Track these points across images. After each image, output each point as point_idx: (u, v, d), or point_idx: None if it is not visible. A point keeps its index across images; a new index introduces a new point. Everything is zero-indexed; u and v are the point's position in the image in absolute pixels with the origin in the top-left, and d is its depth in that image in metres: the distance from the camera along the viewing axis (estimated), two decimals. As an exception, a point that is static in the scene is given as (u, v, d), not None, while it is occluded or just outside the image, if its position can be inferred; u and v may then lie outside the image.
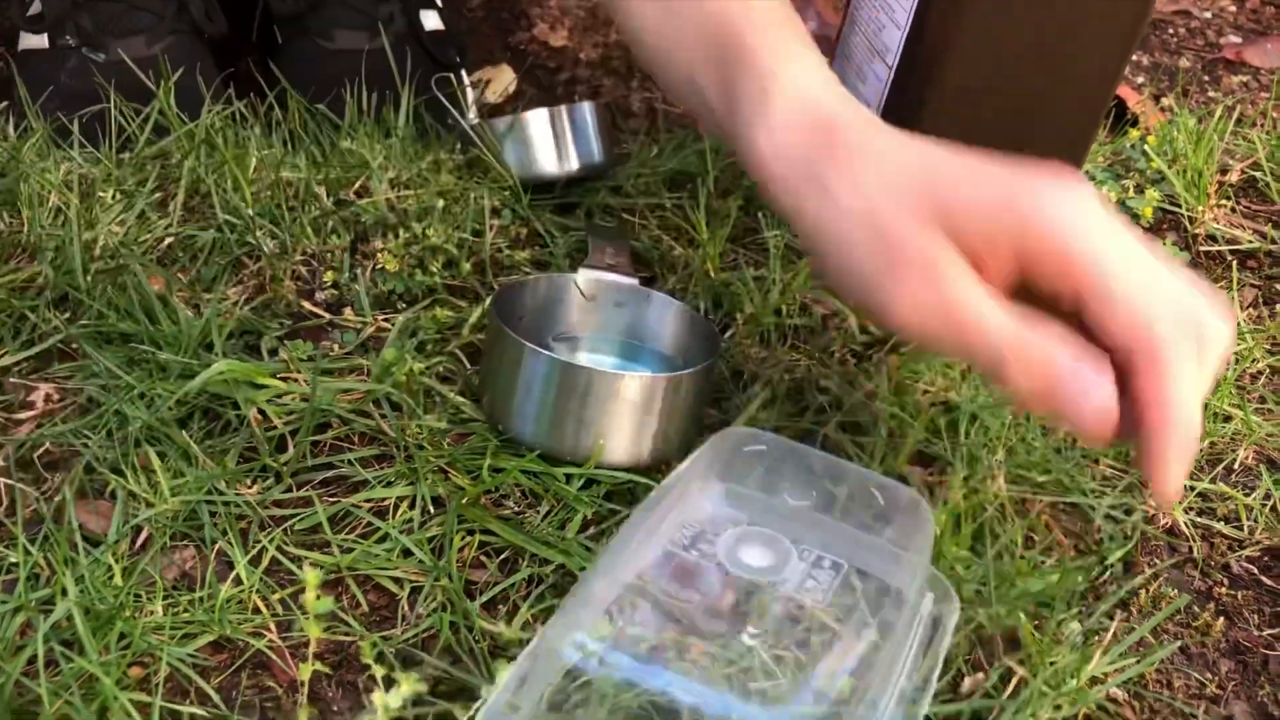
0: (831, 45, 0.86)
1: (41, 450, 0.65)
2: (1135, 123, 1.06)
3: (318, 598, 0.50)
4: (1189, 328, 0.49)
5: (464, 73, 1.01)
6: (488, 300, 0.75)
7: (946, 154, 0.52)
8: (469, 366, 0.72)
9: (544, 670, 0.47)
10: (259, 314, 0.74)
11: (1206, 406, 0.75)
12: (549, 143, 0.88)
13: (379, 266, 0.77)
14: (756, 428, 0.69)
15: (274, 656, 0.56)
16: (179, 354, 0.68)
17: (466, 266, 0.78)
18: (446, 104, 0.91)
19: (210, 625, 0.56)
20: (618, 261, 0.76)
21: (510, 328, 0.66)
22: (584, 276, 0.74)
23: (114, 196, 0.80)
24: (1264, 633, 0.63)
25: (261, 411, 0.66)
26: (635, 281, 0.75)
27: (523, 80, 1.10)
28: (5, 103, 0.88)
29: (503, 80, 1.09)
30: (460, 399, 0.68)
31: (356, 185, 0.84)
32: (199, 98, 0.88)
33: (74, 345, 0.70)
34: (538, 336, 0.72)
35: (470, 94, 1.02)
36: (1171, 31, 1.33)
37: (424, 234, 0.78)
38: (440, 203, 0.81)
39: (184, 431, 0.65)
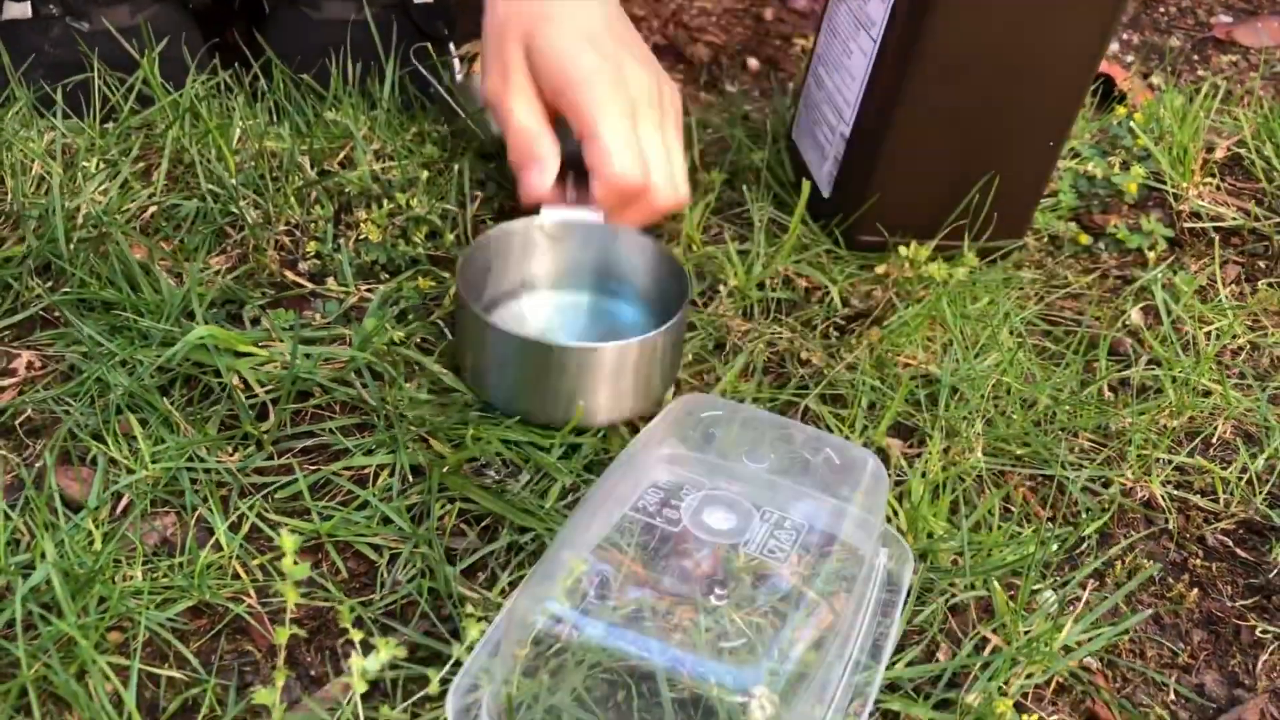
0: (818, 20, 0.86)
1: (23, 417, 0.65)
2: (1123, 100, 1.06)
3: (295, 563, 0.50)
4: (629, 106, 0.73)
5: (451, 45, 1.01)
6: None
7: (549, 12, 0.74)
8: (451, 336, 0.72)
9: (515, 639, 0.48)
10: (241, 283, 0.74)
11: (1187, 383, 0.75)
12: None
13: (362, 237, 0.77)
14: (736, 398, 0.69)
15: (253, 622, 0.56)
16: (161, 322, 0.68)
17: (450, 237, 0.78)
18: (429, 77, 0.90)
19: (190, 590, 0.57)
20: (579, 195, 0.74)
21: (479, 283, 0.65)
22: (548, 217, 0.73)
23: (97, 166, 0.80)
24: (1237, 604, 0.63)
25: (243, 380, 0.67)
26: (600, 217, 0.73)
27: (511, 53, 1.10)
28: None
29: (490, 53, 1.09)
30: (440, 368, 0.69)
31: (340, 156, 0.83)
32: (183, 67, 0.87)
33: (56, 313, 0.70)
34: (506, 288, 0.72)
35: (457, 66, 1.01)
36: (1162, 10, 1.33)
37: (408, 204, 0.78)
38: (424, 174, 0.81)
39: (165, 399, 0.65)
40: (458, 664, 0.52)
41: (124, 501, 0.61)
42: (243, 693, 0.53)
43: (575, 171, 0.75)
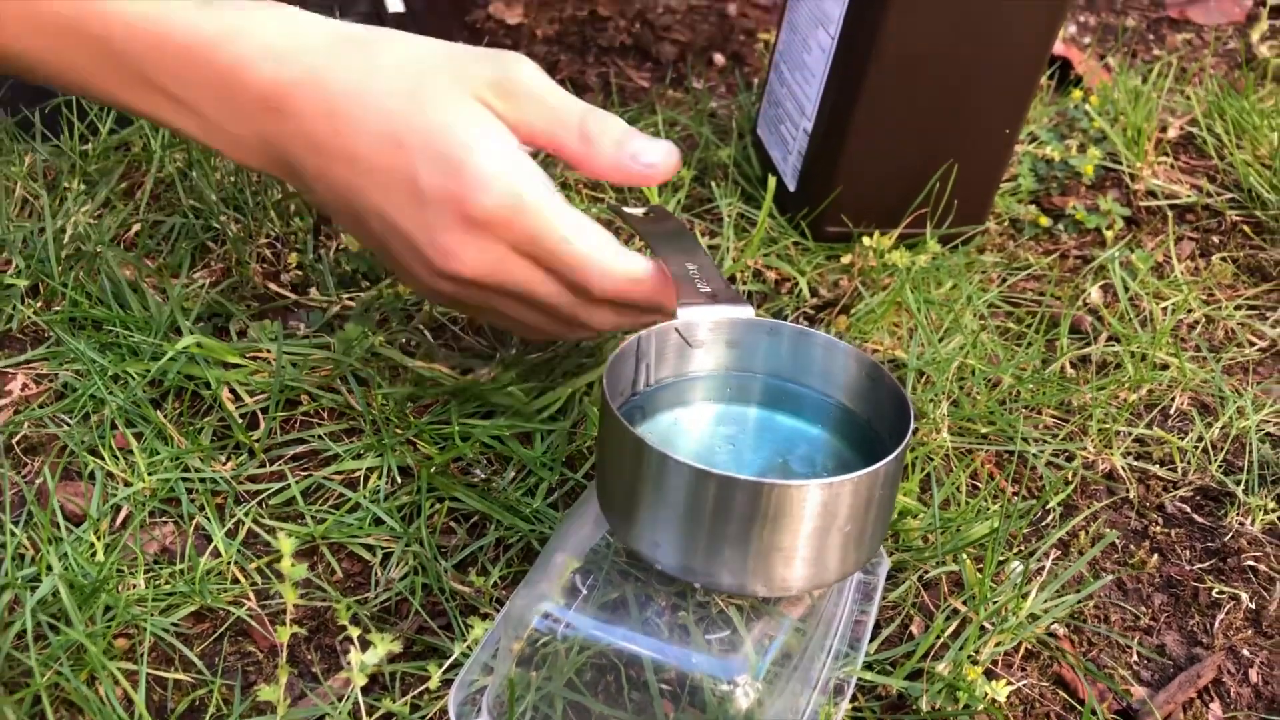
0: (779, 15, 0.89)
1: (19, 436, 0.67)
2: (1079, 83, 1.09)
3: (293, 564, 0.52)
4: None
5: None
6: (601, 377, 0.54)
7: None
8: (432, 339, 0.74)
9: (512, 635, 0.50)
10: (226, 297, 0.76)
11: (1145, 357, 0.78)
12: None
13: (342, 247, 0.79)
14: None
15: (254, 624, 0.59)
16: (151, 337, 0.70)
17: (428, 244, 0.80)
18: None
19: (191, 596, 0.59)
20: (715, 287, 0.57)
21: (617, 410, 0.49)
22: (684, 318, 0.55)
23: (79, 186, 0.82)
24: (1195, 567, 0.66)
25: (232, 390, 0.69)
26: (750, 310, 0.57)
27: (480, 58, 1.12)
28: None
29: (460, 59, 1.11)
30: (422, 368, 0.71)
31: (318, 168, 0.85)
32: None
33: (47, 334, 0.72)
34: (648, 417, 0.57)
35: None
36: (1117, -9, 1.36)
37: (385, 213, 0.80)
38: (401, 182, 0.83)
39: (158, 412, 0.67)
40: (460, 659, 0.55)
41: (123, 513, 0.63)
42: (247, 691, 0.55)
43: (685, 250, 0.59)
